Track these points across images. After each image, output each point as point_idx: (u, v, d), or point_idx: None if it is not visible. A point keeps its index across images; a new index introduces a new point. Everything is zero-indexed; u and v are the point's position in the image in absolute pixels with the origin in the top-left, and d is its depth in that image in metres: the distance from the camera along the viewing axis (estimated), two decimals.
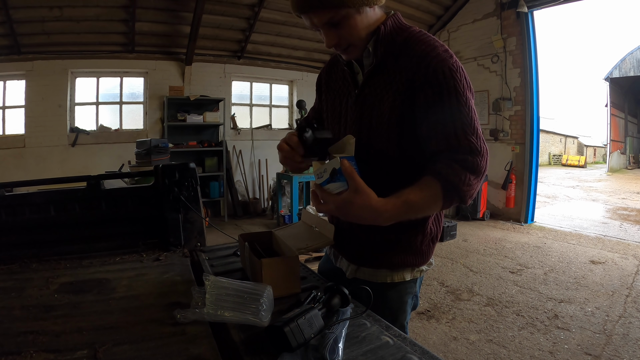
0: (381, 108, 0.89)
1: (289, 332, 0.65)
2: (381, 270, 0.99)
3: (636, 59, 16.03)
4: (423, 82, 0.83)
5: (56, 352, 0.72)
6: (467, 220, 5.76)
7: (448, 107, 0.82)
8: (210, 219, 5.78)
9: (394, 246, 0.97)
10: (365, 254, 1.00)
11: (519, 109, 5.63)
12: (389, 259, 0.98)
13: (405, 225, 0.88)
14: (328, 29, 0.86)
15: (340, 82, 1.02)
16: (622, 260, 3.90)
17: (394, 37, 0.89)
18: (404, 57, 0.87)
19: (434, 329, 2.53)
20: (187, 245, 1.42)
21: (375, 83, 0.91)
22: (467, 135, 0.81)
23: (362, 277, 1.01)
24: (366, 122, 0.92)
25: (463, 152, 0.80)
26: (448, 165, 0.80)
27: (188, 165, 1.43)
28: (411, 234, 0.96)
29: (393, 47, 0.89)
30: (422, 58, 0.83)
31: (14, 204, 1.31)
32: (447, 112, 0.82)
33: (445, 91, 0.81)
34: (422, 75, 0.83)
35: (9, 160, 4.87)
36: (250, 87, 6.68)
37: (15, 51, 4.69)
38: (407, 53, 0.86)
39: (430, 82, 0.82)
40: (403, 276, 0.99)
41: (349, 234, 1.02)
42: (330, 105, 1.06)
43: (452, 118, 0.81)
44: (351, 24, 0.85)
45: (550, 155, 25.39)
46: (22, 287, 1.04)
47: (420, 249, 0.98)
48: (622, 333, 2.42)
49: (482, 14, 5.93)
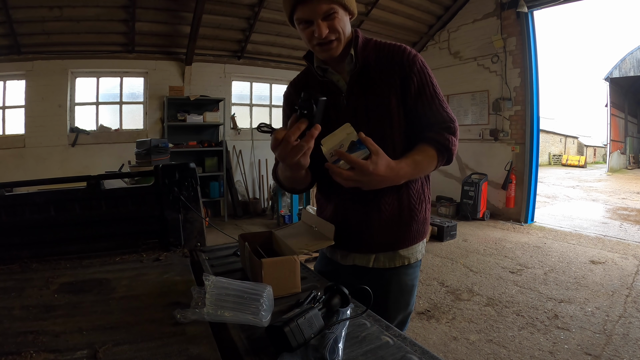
0: (379, 100, 1.02)
1: (289, 332, 0.65)
2: (397, 253, 1.09)
3: (636, 59, 16.03)
4: (409, 74, 1.02)
5: (56, 352, 0.72)
6: (467, 220, 5.76)
7: (428, 90, 1.03)
8: (210, 219, 5.78)
9: (405, 217, 1.08)
10: (380, 238, 1.08)
11: (519, 109, 5.63)
12: (403, 233, 1.08)
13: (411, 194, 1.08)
14: (322, 21, 0.94)
15: (321, 91, 1.08)
16: (622, 260, 3.90)
17: (366, 43, 1.06)
18: (382, 58, 1.03)
19: (434, 329, 2.53)
20: (187, 245, 1.42)
21: (363, 83, 1.04)
22: (445, 109, 1.04)
23: (381, 266, 1.09)
24: (362, 117, 1.03)
25: (446, 122, 1.03)
26: (438, 134, 1.01)
27: (188, 165, 1.43)
28: (417, 202, 1.10)
29: (369, 52, 1.05)
30: (401, 55, 1.02)
31: (14, 204, 1.31)
32: (428, 94, 1.03)
33: (425, 78, 1.03)
34: (407, 68, 1.02)
35: (9, 160, 4.87)
36: (250, 87, 6.68)
37: (15, 51, 4.69)
38: (384, 55, 1.04)
39: (415, 73, 1.02)
40: (417, 256, 1.12)
41: (358, 227, 1.08)
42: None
43: (433, 98, 1.03)
44: (340, 17, 0.96)
45: (550, 155, 25.39)
46: (22, 287, 1.04)
47: (425, 217, 1.12)
48: (622, 333, 2.42)
49: (482, 14, 5.93)
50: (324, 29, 0.95)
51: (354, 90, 1.05)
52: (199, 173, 1.69)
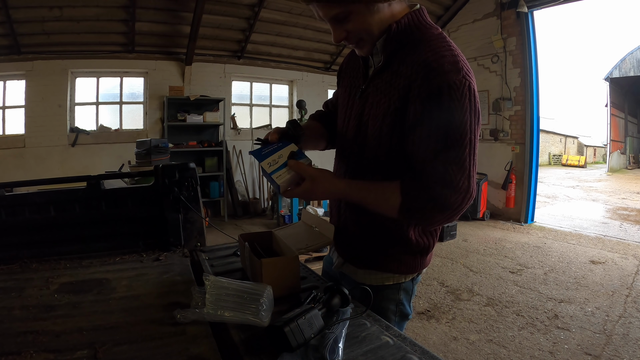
0: (377, 110, 0.86)
1: (289, 332, 0.65)
2: (360, 271, 0.97)
3: (636, 59, 16.03)
4: (416, 95, 0.76)
5: (56, 352, 0.72)
6: (467, 220, 5.76)
7: (434, 130, 0.74)
8: (210, 219, 5.77)
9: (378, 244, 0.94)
10: (353, 248, 0.99)
11: (519, 109, 5.63)
12: (373, 257, 0.95)
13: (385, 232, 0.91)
14: (334, 24, 0.81)
15: (354, 75, 0.99)
16: (622, 260, 3.90)
17: (407, 35, 0.82)
18: (409, 61, 0.80)
19: (434, 329, 2.53)
20: (187, 245, 1.42)
21: (378, 83, 0.87)
22: (448, 165, 0.74)
23: (347, 272, 1.01)
24: (365, 120, 0.90)
25: (439, 184, 0.74)
26: (419, 190, 0.77)
27: (188, 165, 1.43)
28: (392, 244, 0.92)
29: (402, 47, 0.82)
30: (423, 67, 0.75)
31: (14, 204, 1.31)
32: (432, 137, 0.75)
33: (437, 113, 0.73)
34: (417, 86, 0.76)
35: (9, 160, 4.87)
36: (250, 87, 6.68)
37: (15, 51, 4.68)
38: (413, 58, 0.79)
39: (423, 98, 0.75)
40: (382, 280, 0.95)
41: (342, 231, 1.01)
42: (342, 95, 1.05)
43: (437, 144, 0.74)
44: (359, 20, 0.79)
45: (550, 155, 25.38)
46: (22, 287, 1.04)
47: (400, 259, 0.93)
48: (622, 333, 2.42)
49: (482, 14, 5.93)
50: (338, 33, 0.82)
51: (369, 88, 0.90)
52: (199, 173, 1.69)
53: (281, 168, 0.86)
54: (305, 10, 4.83)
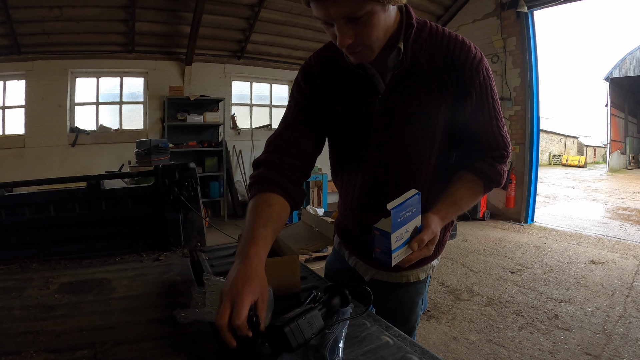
0: (419, 113, 0.82)
1: (289, 332, 0.65)
2: (398, 273, 0.97)
3: (636, 59, 16.03)
4: (469, 87, 0.81)
5: (56, 352, 0.71)
6: (467, 220, 5.76)
7: (487, 109, 0.84)
8: (210, 219, 5.77)
9: None
10: None
11: (519, 109, 5.63)
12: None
13: None
14: (345, 24, 0.70)
15: (352, 87, 0.87)
16: (622, 260, 3.90)
17: (420, 32, 0.81)
18: (437, 57, 0.80)
19: (434, 329, 2.53)
20: (187, 245, 1.42)
21: (407, 87, 0.82)
22: (501, 131, 0.86)
23: (380, 278, 1.00)
24: (398, 130, 0.84)
25: (500, 148, 0.86)
26: (490, 165, 0.86)
27: (188, 165, 1.43)
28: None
29: (421, 46, 0.81)
30: (464, 59, 0.80)
31: (14, 204, 1.31)
32: (487, 113, 0.84)
33: (486, 92, 0.83)
34: (468, 80, 0.80)
35: (9, 160, 4.87)
36: (250, 87, 6.68)
37: (15, 51, 4.69)
38: (440, 53, 0.80)
39: (476, 87, 0.81)
40: (418, 275, 0.98)
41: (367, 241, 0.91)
42: (340, 114, 0.90)
43: (491, 119, 0.84)
44: (374, 21, 0.71)
45: (550, 155, 25.39)
46: (22, 287, 1.04)
47: (442, 241, 0.97)
48: (622, 333, 2.42)
49: (482, 14, 5.93)
50: (348, 36, 0.71)
51: (392, 95, 0.83)
52: (199, 173, 1.69)
53: (402, 247, 0.72)
54: (305, 10, 4.82)
